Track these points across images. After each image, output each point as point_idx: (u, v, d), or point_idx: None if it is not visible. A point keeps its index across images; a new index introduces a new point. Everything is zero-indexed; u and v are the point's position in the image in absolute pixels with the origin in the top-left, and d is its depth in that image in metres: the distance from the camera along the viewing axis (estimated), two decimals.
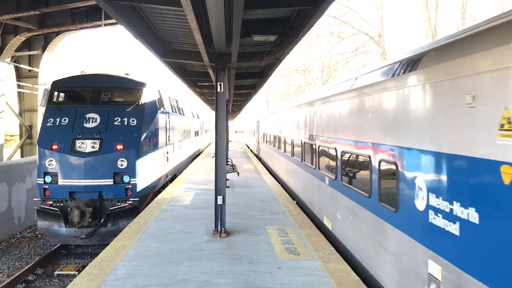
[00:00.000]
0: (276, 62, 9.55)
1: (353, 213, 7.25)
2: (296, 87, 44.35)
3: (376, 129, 6.14)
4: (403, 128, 5.19)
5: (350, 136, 7.31)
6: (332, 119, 8.55)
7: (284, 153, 16.09)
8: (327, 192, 9.00)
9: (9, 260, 13.02)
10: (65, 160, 11.94)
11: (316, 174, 10.15)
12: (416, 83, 4.83)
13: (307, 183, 11.61)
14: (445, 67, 4.20)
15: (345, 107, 7.63)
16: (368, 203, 6.45)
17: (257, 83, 15.55)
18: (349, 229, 7.49)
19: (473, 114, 3.71)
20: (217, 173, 8.77)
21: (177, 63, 10.77)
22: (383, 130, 5.89)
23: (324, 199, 9.34)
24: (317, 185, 10.03)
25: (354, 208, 7.14)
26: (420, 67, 4.77)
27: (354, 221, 7.19)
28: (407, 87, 5.07)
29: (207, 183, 16.45)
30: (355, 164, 7.34)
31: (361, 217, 6.80)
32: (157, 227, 9.60)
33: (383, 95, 5.85)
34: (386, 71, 5.94)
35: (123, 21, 6.45)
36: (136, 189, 12.23)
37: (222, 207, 8.76)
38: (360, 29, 35.92)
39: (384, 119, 5.85)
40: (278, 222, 10.03)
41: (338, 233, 8.22)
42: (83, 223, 11.81)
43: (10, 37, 19.54)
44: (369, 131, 6.44)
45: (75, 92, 13.81)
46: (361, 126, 6.79)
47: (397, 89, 5.37)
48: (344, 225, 7.79)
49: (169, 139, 16.59)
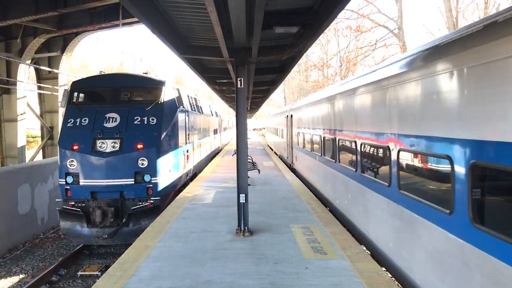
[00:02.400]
0: (297, 56, 9.28)
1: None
2: (315, 82, 43.95)
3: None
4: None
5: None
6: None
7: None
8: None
9: (33, 260, 13.09)
10: (86, 160, 11.92)
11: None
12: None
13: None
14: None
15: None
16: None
17: (276, 79, 15.28)
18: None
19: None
20: (239, 171, 8.56)
21: (196, 60, 10.60)
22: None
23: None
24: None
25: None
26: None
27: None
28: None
29: (228, 181, 16.27)
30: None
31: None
32: (180, 226, 9.45)
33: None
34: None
35: (142, 16, 6.29)
36: (157, 188, 12.13)
37: (245, 206, 8.55)
38: (379, 22, 35.55)
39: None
40: (302, 220, 9.78)
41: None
42: (105, 223, 11.77)
43: (29, 39, 19.71)
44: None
45: (94, 92, 13.80)
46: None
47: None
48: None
49: (189, 138, 16.47)
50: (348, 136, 9.19)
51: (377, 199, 7.43)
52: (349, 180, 9.24)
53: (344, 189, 9.88)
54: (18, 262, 12.91)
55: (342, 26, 36.55)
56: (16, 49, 20.24)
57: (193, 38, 8.58)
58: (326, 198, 12.01)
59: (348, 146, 9.37)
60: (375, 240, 7.71)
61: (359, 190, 8.45)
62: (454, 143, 4.64)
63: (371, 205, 7.82)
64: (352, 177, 8.94)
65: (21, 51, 20.00)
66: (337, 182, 10.55)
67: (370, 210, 7.92)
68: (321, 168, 12.72)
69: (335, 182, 10.79)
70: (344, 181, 9.70)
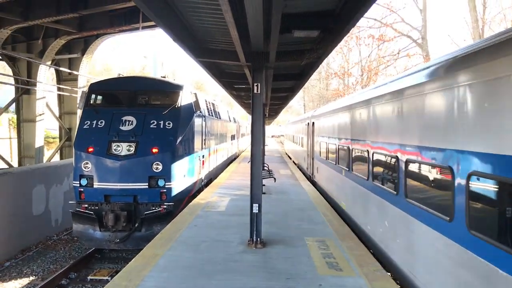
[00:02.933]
0: (317, 62, 8.94)
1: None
2: (335, 90, 43.48)
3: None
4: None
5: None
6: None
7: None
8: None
9: (45, 262, 13.00)
10: (100, 163, 11.80)
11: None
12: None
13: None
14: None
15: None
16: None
17: (295, 86, 14.96)
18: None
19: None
20: (253, 179, 8.25)
21: (213, 64, 10.36)
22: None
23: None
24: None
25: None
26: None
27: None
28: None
29: (243, 188, 15.97)
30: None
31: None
32: (190, 235, 9.17)
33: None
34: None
35: (157, 19, 6.08)
36: (171, 194, 11.94)
37: (258, 216, 8.22)
38: (402, 32, 34.96)
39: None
40: (317, 233, 9.39)
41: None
42: (118, 227, 11.60)
43: (51, 40, 19.85)
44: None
45: (112, 94, 13.72)
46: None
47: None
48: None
49: (205, 143, 16.26)
50: (387, 150, 7.49)
51: (430, 237, 5.50)
52: (387, 205, 7.52)
53: (379, 214, 8.08)
54: (30, 264, 12.84)
55: (364, 34, 36.11)
56: (37, 50, 20.38)
57: (209, 41, 8.34)
58: (354, 222, 10.13)
59: (386, 162, 7.77)
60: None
61: (402, 220, 6.67)
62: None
63: (421, 244, 5.93)
64: (392, 201, 7.21)
65: (42, 52, 20.14)
66: (370, 205, 8.74)
67: (420, 250, 5.97)
68: (348, 185, 10.81)
69: (367, 204, 8.96)
70: (380, 204, 7.98)
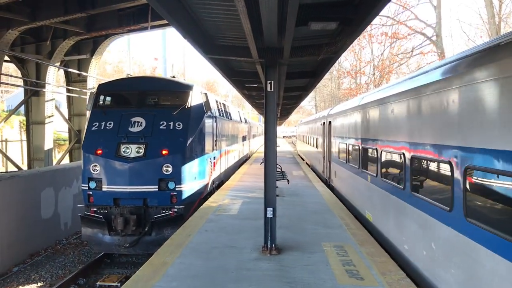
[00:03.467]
0: (333, 58, 8.47)
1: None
2: (348, 90, 42.97)
3: None
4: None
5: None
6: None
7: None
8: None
9: (53, 268, 12.72)
10: (109, 166, 11.54)
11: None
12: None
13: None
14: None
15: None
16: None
17: (308, 84, 14.47)
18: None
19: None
20: (267, 182, 7.81)
21: (223, 61, 9.94)
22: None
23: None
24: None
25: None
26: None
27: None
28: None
29: (255, 191, 15.56)
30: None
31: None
32: (201, 240, 8.76)
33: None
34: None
35: (168, 15, 5.69)
36: (182, 196, 11.63)
37: (272, 221, 7.77)
38: (415, 29, 34.33)
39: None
40: (335, 238, 8.91)
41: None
42: (127, 231, 11.30)
43: (59, 41, 19.67)
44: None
45: (120, 95, 13.46)
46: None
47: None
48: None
49: (216, 144, 15.92)
50: (435, 155, 5.93)
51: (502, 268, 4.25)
52: (434, 223, 5.92)
53: (423, 234, 6.39)
54: (38, 269, 12.56)
55: (377, 32, 35.51)
56: (46, 51, 20.21)
57: (220, 36, 7.91)
58: (384, 237, 8.58)
59: (433, 169, 6.25)
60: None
61: (460, 246, 5.11)
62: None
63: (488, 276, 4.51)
64: (444, 219, 5.60)
65: (50, 53, 19.98)
66: (408, 221, 7.01)
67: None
68: (377, 194, 9.18)
69: (404, 219, 7.27)
70: (424, 222, 6.28)
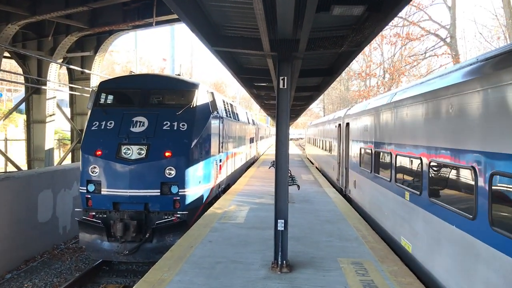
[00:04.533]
0: (355, 51, 7.55)
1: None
2: (359, 92, 42.17)
3: None
4: None
5: None
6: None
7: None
8: None
9: (48, 275, 12.02)
10: (109, 168, 10.95)
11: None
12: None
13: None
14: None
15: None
16: None
17: (322, 83, 13.57)
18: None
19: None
20: (278, 190, 6.97)
21: (231, 57, 9.11)
22: None
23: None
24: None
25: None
26: None
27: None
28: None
29: (263, 196, 14.75)
30: None
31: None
32: (204, 253, 7.92)
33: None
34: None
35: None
36: (185, 201, 10.99)
37: (284, 234, 6.90)
38: (429, 30, 33.50)
39: None
40: (352, 253, 8.03)
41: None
42: (127, 238, 10.67)
43: (61, 37, 19.08)
44: None
45: (122, 93, 12.89)
46: None
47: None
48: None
49: (222, 146, 15.24)
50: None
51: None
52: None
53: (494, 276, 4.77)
54: (32, 276, 11.85)
55: (389, 33, 34.61)
56: (48, 48, 19.64)
57: (227, 27, 7.08)
58: (436, 280, 6.54)
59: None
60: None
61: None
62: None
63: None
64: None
65: (52, 49, 19.40)
66: (480, 264, 5.10)
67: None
68: (421, 217, 7.21)
69: (472, 259, 5.31)
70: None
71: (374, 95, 39.13)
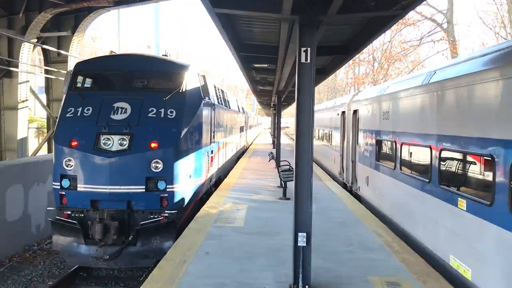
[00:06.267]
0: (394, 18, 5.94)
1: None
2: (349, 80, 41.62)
3: None
4: None
5: None
6: None
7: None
8: None
9: (16, 283, 10.66)
10: (86, 160, 9.92)
11: None
12: None
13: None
14: None
15: None
16: None
17: (329, 66, 12.11)
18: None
19: None
20: (298, 197, 5.41)
21: (232, 26, 7.52)
22: None
23: None
24: None
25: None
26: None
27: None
28: None
29: (260, 191, 13.63)
30: None
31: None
32: (201, 271, 6.41)
33: None
34: None
35: None
36: (174, 199, 10.02)
37: (306, 252, 5.38)
38: (425, 15, 33.12)
39: None
40: (383, 268, 6.57)
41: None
42: (107, 241, 9.63)
43: (34, 15, 17.64)
44: None
45: (102, 76, 11.92)
46: None
47: None
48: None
49: (214, 136, 14.31)
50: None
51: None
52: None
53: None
54: None
55: None
56: (19, 26, 18.19)
57: None
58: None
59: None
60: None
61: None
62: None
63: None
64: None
65: (24, 28, 18.01)
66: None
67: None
68: (490, 238, 5.42)
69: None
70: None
71: (369, 83, 38.27)
